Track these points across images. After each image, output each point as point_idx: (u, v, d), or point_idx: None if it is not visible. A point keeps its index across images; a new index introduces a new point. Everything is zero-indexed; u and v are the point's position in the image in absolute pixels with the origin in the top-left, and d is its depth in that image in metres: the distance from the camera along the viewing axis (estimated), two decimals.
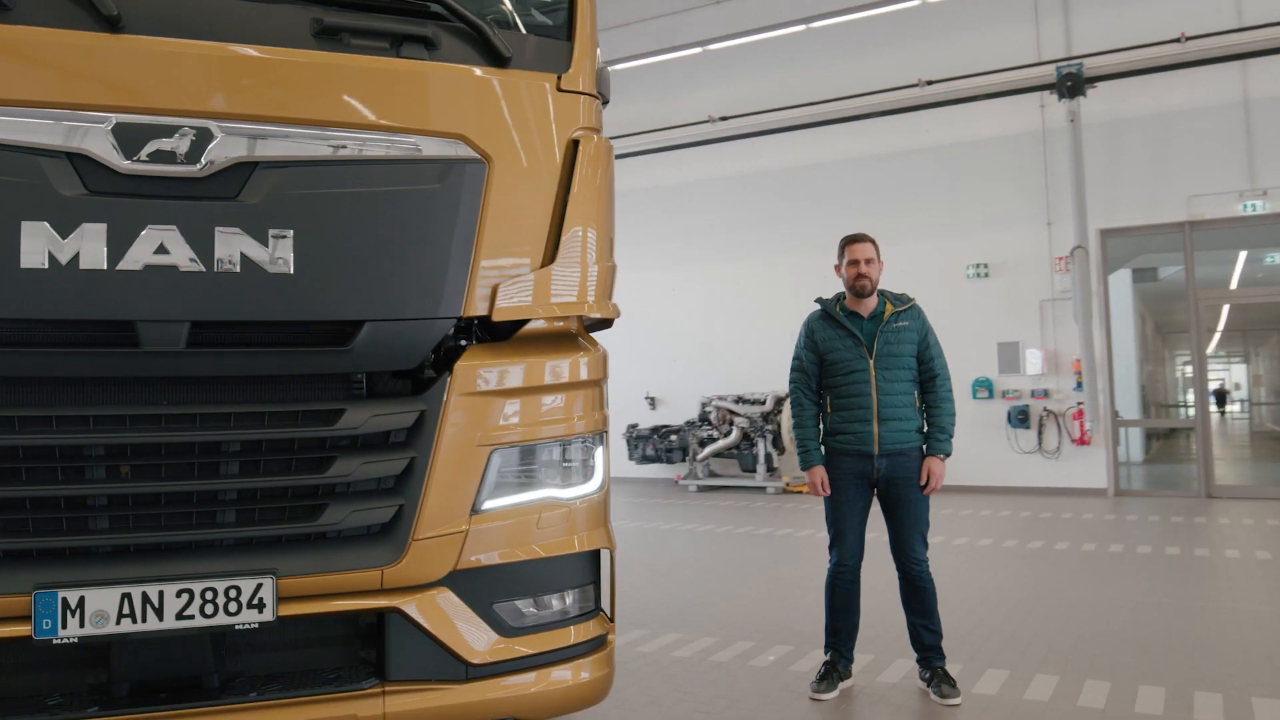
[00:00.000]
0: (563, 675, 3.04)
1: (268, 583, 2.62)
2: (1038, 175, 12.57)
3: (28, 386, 2.61)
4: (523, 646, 2.95)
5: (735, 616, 5.93)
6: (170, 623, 2.54)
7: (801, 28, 13.33)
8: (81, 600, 2.48)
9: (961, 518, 10.41)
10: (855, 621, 4.52)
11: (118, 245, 2.55)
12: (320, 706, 2.70)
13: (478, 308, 2.91)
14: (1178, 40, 11.68)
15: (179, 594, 2.56)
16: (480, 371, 2.91)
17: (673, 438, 14.34)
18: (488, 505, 2.91)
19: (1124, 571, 7.28)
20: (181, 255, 2.60)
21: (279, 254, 2.68)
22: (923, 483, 4.35)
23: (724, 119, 14.51)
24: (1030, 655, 4.93)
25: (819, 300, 4.58)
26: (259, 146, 2.68)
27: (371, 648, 2.84)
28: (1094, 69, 12.05)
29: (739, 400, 13.79)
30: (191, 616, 2.56)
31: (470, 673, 2.86)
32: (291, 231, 2.70)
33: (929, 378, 4.44)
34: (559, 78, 3.08)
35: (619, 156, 14.18)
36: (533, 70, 3.05)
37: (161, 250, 2.58)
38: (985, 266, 12.82)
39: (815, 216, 14.01)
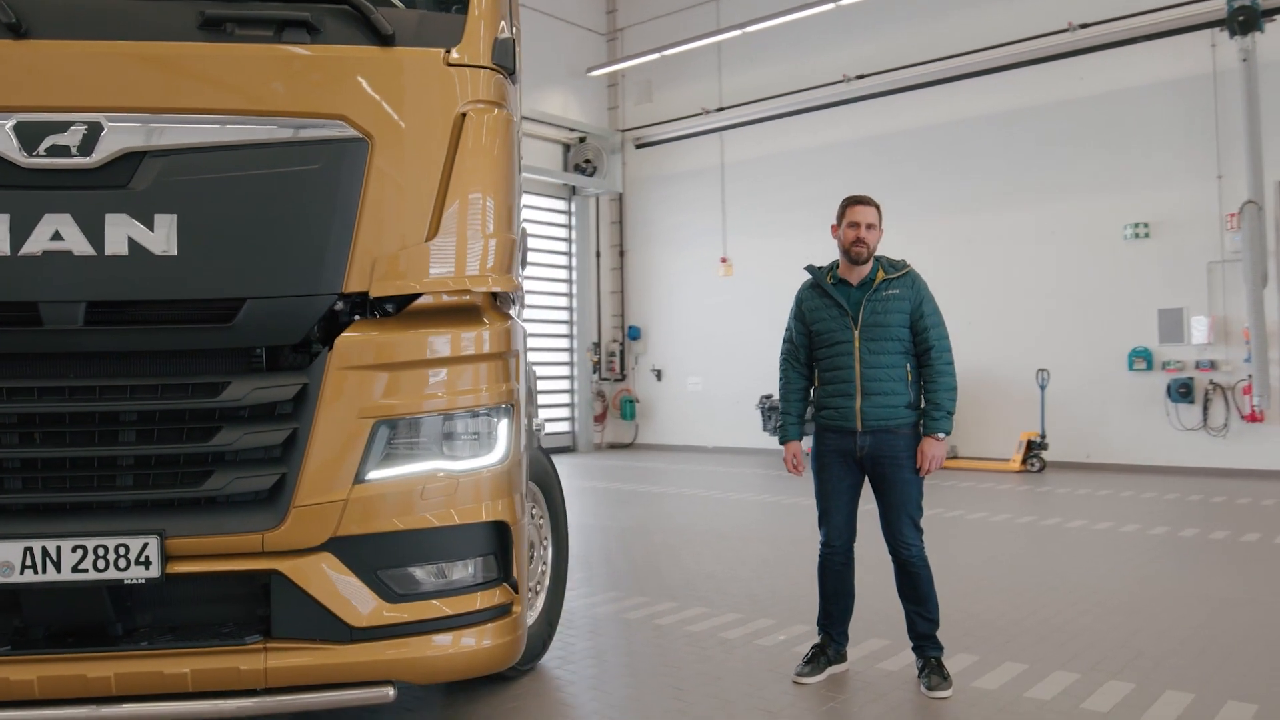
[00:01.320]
0: (457, 641, 3.10)
1: (153, 542, 2.83)
2: (1206, 124, 11.30)
3: None
4: (410, 612, 3.03)
5: (775, 592, 5.78)
6: (67, 575, 2.79)
7: None
8: None
9: (1098, 499, 9.63)
10: (848, 605, 4.32)
11: (20, 233, 2.80)
12: (206, 658, 2.89)
13: (359, 284, 2.99)
14: None
15: (74, 549, 2.80)
16: (362, 345, 3.00)
17: None
18: (372, 475, 3.00)
19: (1245, 564, 6.53)
20: (76, 240, 2.83)
21: (164, 237, 2.87)
22: (917, 465, 4.09)
23: (859, 77, 13.92)
24: (1063, 651, 4.54)
25: (809, 268, 4.36)
26: (145, 137, 2.87)
27: (267, 607, 3.00)
28: None
29: None
30: (85, 570, 2.80)
31: (354, 635, 2.97)
32: (175, 215, 2.87)
33: (924, 349, 4.14)
34: (446, 52, 3.09)
35: (754, 122, 14.05)
36: (421, 46, 3.08)
37: (57, 237, 2.82)
38: (1145, 226, 11.69)
39: (956, 177, 13.24)
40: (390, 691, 2.99)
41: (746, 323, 15.69)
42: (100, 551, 2.81)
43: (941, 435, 4.08)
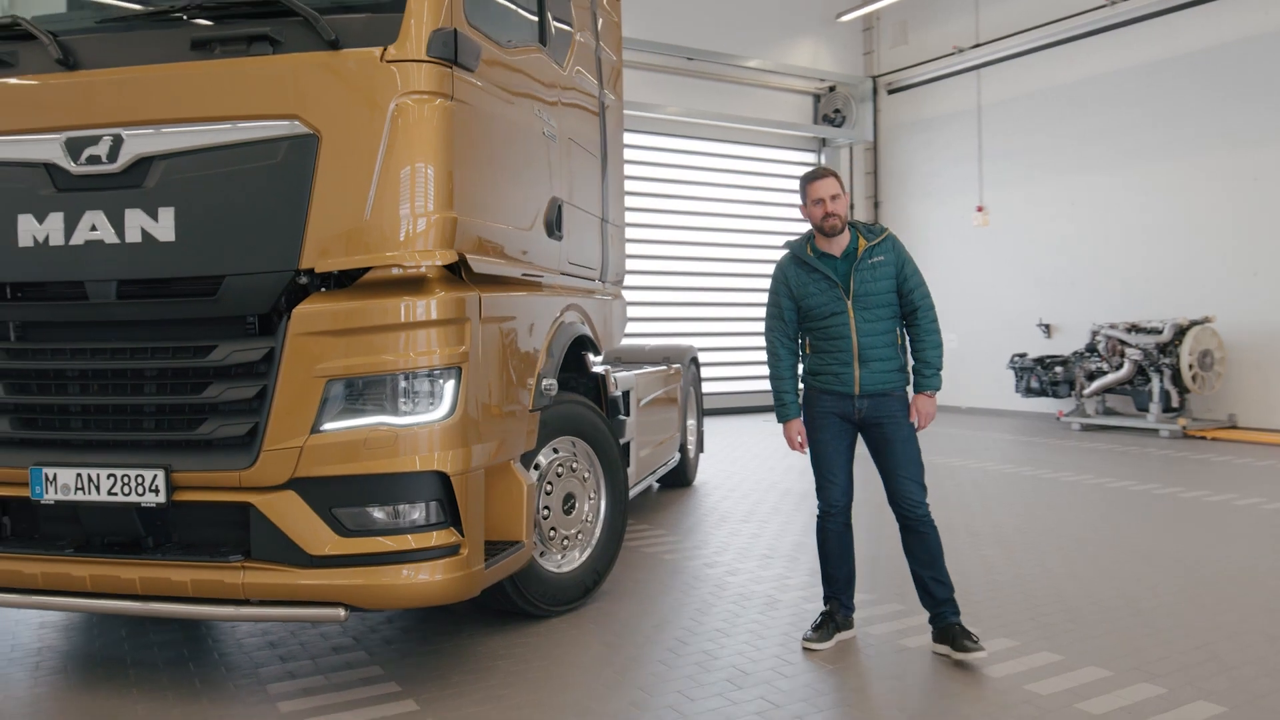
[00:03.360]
0: (404, 574, 3.52)
1: (160, 474, 3.51)
2: None
3: (33, 335, 3.77)
4: (360, 546, 3.49)
5: (894, 571, 5.63)
6: (104, 496, 3.55)
7: None
8: (55, 476, 3.59)
9: None
10: (850, 569, 4.25)
11: (70, 226, 3.58)
12: (201, 571, 3.54)
13: (311, 260, 3.46)
14: None
15: (108, 477, 3.55)
16: (315, 315, 3.47)
17: (1058, 369, 12.92)
18: (326, 426, 3.48)
19: None
20: (107, 231, 3.55)
21: (165, 226, 3.52)
22: (911, 420, 4.05)
23: None
24: (1125, 647, 4.10)
25: (787, 244, 4.24)
26: (152, 143, 3.53)
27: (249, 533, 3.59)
28: None
29: (1132, 329, 11.94)
30: (116, 494, 3.55)
31: (313, 561, 3.48)
32: (174, 208, 3.51)
33: (910, 311, 4.07)
34: (384, 50, 3.44)
35: (1012, 57, 13.28)
36: (362, 47, 3.46)
37: (94, 228, 3.56)
38: None
39: (1239, 105, 11.44)
40: (341, 612, 3.47)
41: (1003, 276, 14.69)
42: (125, 479, 3.53)
43: (932, 392, 4.05)
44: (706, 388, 14.03)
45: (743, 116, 15.32)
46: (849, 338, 3.99)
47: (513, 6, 4.31)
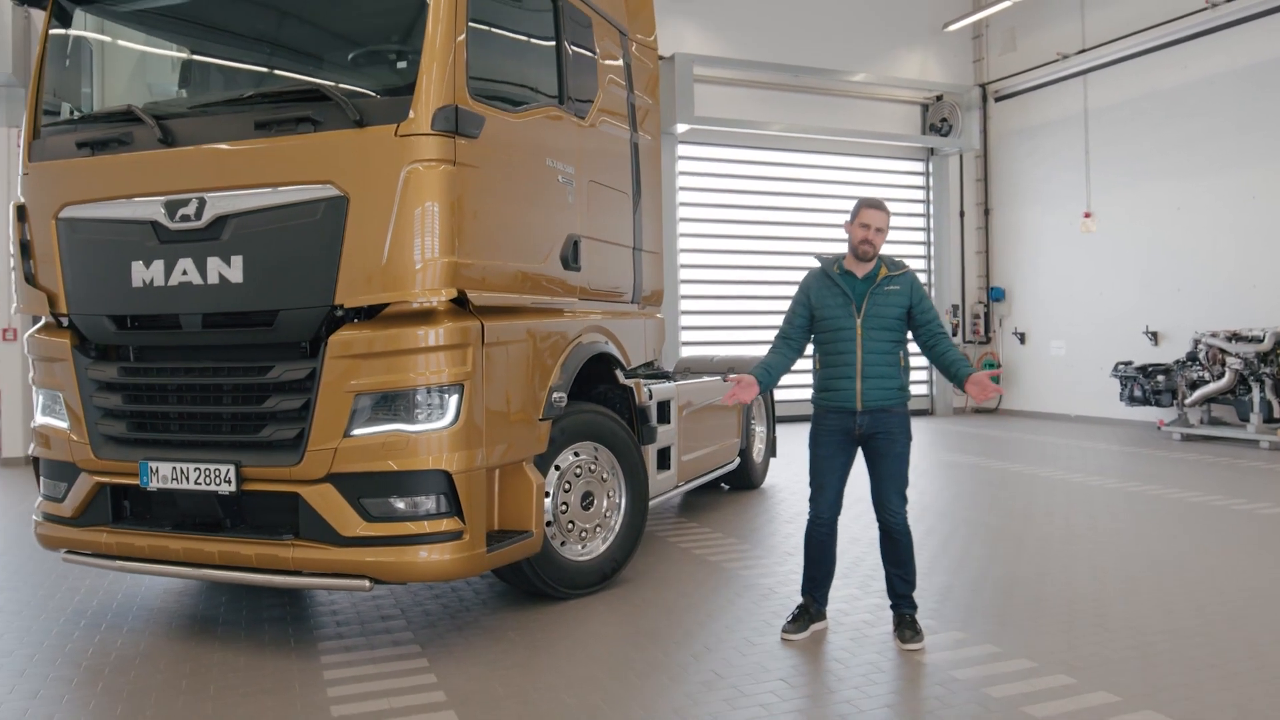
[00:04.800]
0: (417, 554, 4.31)
1: (232, 469, 4.42)
2: None
3: (145, 356, 4.77)
4: (381, 530, 4.31)
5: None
6: (192, 485, 4.50)
7: None
8: (157, 468, 4.56)
9: None
10: (829, 570, 4.74)
11: (169, 271, 4.54)
12: (262, 546, 4.43)
13: (343, 297, 4.29)
14: None
15: (194, 469, 4.49)
16: (346, 341, 4.30)
17: (1160, 378, 12.66)
18: (355, 432, 4.31)
19: None
20: (194, 275, 4.50)
21: (235, 270, 4.42)
22: (985, 396, 4.47)
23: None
24: (1052, 646, 4.45)
25: (818, 257, 4.75)
26: (227, 204, 4.44)
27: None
28: None
29: (1233, 337, 11.62)
30: (200, 483, 4.48)
31: (345, 541, 4.31)
32: (242, 256, 4.41)
33: (932, 338, 4.59)
34: (397, 127, 4.22)
35: (1116, 62, 13.42)
36: (382, 124, 4.26)
37: (185, 273, 4.51)
38: None
39: None
40: (366, 583, 4.28)
41: (1109, 283, 14.44)
42: (207, 472, 4.46)
43: (973, 373, 4.49)
44: (800, 395, 14.44)
45: (850, 130, 15.60)
46: (854, 352, 4.51)
47: (528, 76, 5.04)
